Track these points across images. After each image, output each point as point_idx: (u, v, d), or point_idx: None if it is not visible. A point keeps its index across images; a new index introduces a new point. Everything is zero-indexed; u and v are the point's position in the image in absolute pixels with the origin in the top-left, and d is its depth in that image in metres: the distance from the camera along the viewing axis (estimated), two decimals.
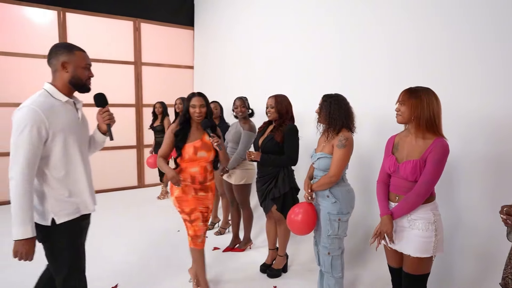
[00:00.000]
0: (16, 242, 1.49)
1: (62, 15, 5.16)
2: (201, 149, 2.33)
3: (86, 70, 1.66)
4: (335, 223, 2.12)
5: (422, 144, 1.66)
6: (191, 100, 2.32)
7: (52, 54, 1.61)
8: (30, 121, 1.46)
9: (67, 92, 1.64)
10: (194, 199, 2.36)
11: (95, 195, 1.82)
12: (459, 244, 2.22)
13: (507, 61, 1.97)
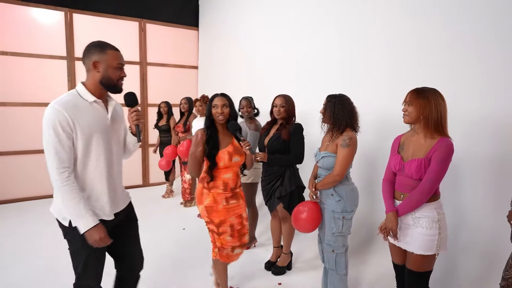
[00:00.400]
0: (86, 234, 1.52)
1: (69, 16, 5.22)
2: (234, 154, 2.17)
3: (118, 70, 1.61)
4: (339, 221, 2.16)
5: (427, 143, 1.70)
6: (214, 100, 2.16)
7: (85, 54, 1.59)
8: (53, 120, 1.45)
9: (98, 92, 1.61)
10: (225, 210, 2.19)
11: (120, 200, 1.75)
12: (463, 243, 2.25)
13: (508, 61, 1.99)
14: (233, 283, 2.69)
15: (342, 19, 3.22)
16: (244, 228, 2.30)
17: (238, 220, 2.25)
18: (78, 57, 5.35)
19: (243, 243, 2.32)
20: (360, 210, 2.74)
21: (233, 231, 2.23)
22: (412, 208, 1.72)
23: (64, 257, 3.04)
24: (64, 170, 1.47)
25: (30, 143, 5.12)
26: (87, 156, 1.56)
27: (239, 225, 2.26)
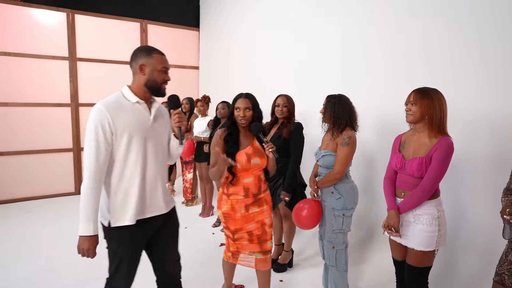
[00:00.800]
0: (80, 237, 1.54)
1: (71, 17, 5.26)
2: (254, 156, 2.05)
3: (162, 73, 1.64)
4: (339, 218, 2.20)
5: (428, 142, 1.74)
6: (236, 102, 2.07)
7: (132, 57, 1.64)
8: (96, 120, 1.49)
9: (142, 94, 1.64)
10: (242, 219, 2.07)
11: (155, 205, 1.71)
12: (462, 239, 2.29)
13: (507, 61, 2.02)
14: (235, 280, 2.72)
15: (342, 19, 3.26)
16: (266, 234, 2.13)
17: (258, 226, 2.10)
18: (80, 58, 5.39)
19: (265, 250, 2.15)
20: (359, 208, 2.78)
21: (251, 237, 2.10)
22: (414, 206, 1.76)
23: (64, 257, 3.14)
24: (97, 168, 1.50)
25: (31, 143, 5.16)
26: (127, 156, 1.57)
27: (259, 231, 2.11)
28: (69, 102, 5.39)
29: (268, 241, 2.15)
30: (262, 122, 2.14)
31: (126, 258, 1.65)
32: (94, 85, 5.54)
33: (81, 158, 5.51)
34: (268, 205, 2.15)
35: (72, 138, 5.46)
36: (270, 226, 2.17)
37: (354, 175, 2.83)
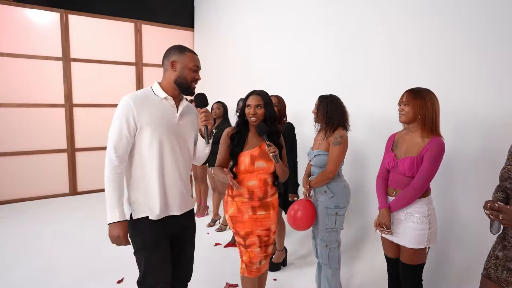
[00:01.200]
0: (109, 226, 1.53)
1: (64, 17, 5.24)
2: (259, 158, 1.94)
3: (193, 72, 1.64)
4: (332, 217, 2.22)
5: (420, 142, 1.76)
6: (248, 99, 1.99)
7: (165, 55, 1.66)
8: (121, 112, 1.53)
9: (171, 91, 1.64)
10: (251, 221, 1.97)
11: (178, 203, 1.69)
12: (454, 236, 2.32)
13: (501, 62, 2.05)
14: (229, 280, 2.74)
15: (341, 20, 3.27)
16: (269, 239, 2.07)
17: (266, 233, 2.04)
18: (74, 58, 5.38)
19: (267, 254, 2.10)
20: (352, 207, 2.80)
21: (261, 243, 2.02)
22: (405, 204, 1.79)
23: (64, 258, 3.14)
24: (117, 158, 1.52)
25: (25, 143, 5.15)
26: (149, 149, 1.58)
27: (266, 237, 2.05)
28: (63, 102, 5.37)
29: (270, 246, 2.12)
30: (275, 123, 2.03)
31: (153, 257, 1.62)
32: (88, 86, 5.54)
33: (75, 159, 5.51)
34: (274, 210, 2.06)
35: (66, 138, 5.44)
36: (274, 232, 2.10)
37: (348, 174, 2.85)
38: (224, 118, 3.87)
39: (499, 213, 1.23)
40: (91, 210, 4.69)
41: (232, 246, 3.42)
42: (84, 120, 5.56)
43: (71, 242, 3.58)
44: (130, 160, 1.59)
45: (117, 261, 3.06)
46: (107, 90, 5.70)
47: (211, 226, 4.01)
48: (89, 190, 5.64)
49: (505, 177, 1.32)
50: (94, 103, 5.62)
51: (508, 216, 1.20)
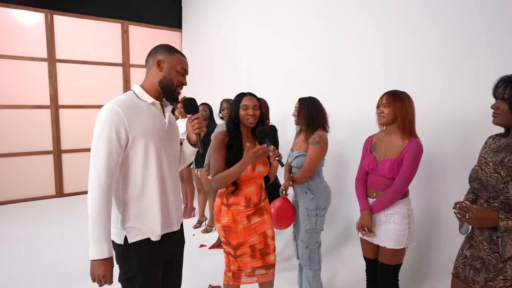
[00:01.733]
0: (92, 262, 1.29)
1: (49, 18, 5.19)
2: (258, 163, 1.87)
3: (180, 75, 1.47)
4: (312, 218, 2.24)
5: (399, 144, 1.79)
6: (242, 100, 1.88)
7: (151, 53, 1.47)
8: (109, 121, 1.30)
9: (154, 93, 1.45)
10: (245, 231, 1.89)
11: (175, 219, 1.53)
12: (435, 236, 2.35)
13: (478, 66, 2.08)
14: (212, 281, 2.74)
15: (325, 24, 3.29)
16: (268, 247, 1.97)
17: (260, 239, 1.94)
18: (59, 59, 5.33)
19: (268, 264, 1.97)
20: (334, 208, 2.83)
21: (254, 252, 1.92)
22: (386, 206, 1.81)
23: (46, 261, 3.12)
24: (107, 179, 1.29)
25: (10, 145, 5.09)
26: (145, 162, 1.39)
27: (261, 244, 1.95)
28: (48, 103, 5.32)
29: (271, 254, 1.98)
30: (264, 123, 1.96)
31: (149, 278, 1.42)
32: (75, 87, 5.50)
33: (61, 161, 5.46)
34: (268, 213, 1.99)
35: (52, 140, 5.38)
36: (272, 238, 2.00)
37: (331, 176, 2.88)
38: (210, 119, 3.88)
39: (466, 212, 1.25)
40: (77, 212, 4.66)
41: (217, 248, 3.42)
42: (70, 122, 5.51)
43: (55, 245, 3.55)
44: (122, 178, 1.38)
45: None
46: (93, 91, 5.66)
47: (197, 227, 4.01)
48: (75, 192, 5.60)
49: (473, 178, 1.34)
50: (80, 104, 5.57)
51: (474, 215, 1.22)
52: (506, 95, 1.23)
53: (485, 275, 1.28)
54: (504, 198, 1.20)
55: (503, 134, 1.35)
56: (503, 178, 1.20)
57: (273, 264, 2.00)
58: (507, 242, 1.16)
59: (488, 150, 1.34)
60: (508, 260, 1.21)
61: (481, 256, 1.30)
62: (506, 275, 1.22)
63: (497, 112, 1.27)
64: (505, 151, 1.26)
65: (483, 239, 1.30)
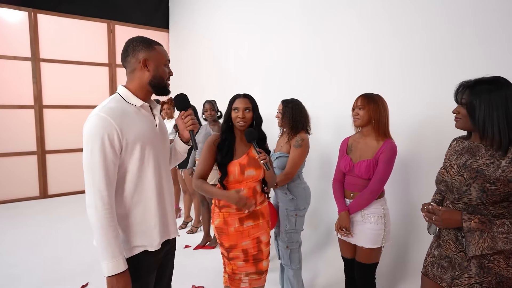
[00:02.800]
0: (108, 279, 1.22)
1: (33, 16, 5.12)
2: (248, 167, 1.84)
3: (166, 67, 1.40)
4: (292, 218, 2.27)
5: (374, 145, 1.83)
6: (234, 102, 1.86)
7: (129, 51, 1.36)
8: (100, 132, 1.21)
9: (143, 94, 1.37)
10: (236, 233, 1.86)
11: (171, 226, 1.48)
12: (410, 237, 2.41)
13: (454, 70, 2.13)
14: (196, 282, 2.75)
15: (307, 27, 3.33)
16: (261, 253, 1.93)
17: (254, 245, 1.89)
18: (43, 59, 5.26)
19: (260, 270, 1.94)
20: (316, 208, 2.87)
21: (247, 256, 1.89)
22: (363, 206, 1.85)
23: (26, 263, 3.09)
24: (110, 191, 1.23)
25: None
26: (141, 170, 1.32)
27: (254, 250, 1.90)
28: (32, 103, 5.24)
29: (264, 261, 1.95)
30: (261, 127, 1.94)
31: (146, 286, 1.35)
32: (59, 87, 5.44)
33: (46, 161, 5.39)
34: (264, 218, 1.94)
35: (36, 140, 5.31)
36: (266, 244, 1.96)
37: (312, 176, 2.91)
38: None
39: (433, 214, 1.30)
40: (61, 213, 4.61)
41: (202, 248, 3.43)
42: (55, 122, 5.45)
43: (35, 246, 3.52)
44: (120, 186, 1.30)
45: (82, 265, 3.03)
46: (79, 91, 5.60)
47: (182, 228, 4.01)
48: (60, 193, 5.54)
49: (439, 180, 1.39)
50: (65, 104, 5.51)
51: (440, 217, 1.27)
52: (464, 99, 1.27)
53: (452, 273, 1.32)
54: (467, 200, 1.25)
55: (466, 136, 1.40)
56: (466, 180, 1.25)
57: (265, 270, 1.98)
58: (471, 242, 1.20)
59: (452, 153, 1.39)
60: (472, 259, 1.26)
61: (448, 255, 1.35)
62: (470, 273, 1.26)
63: (458, 116, 1.31)
64: (468, 154, 1.30)
65: (450, 239, 1.35)
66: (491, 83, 1.22)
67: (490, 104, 1.20)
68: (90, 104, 5.62)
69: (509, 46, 1.87)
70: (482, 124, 1.22)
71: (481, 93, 1.22)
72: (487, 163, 1.22)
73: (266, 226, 1.96)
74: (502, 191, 1.19)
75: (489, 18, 1.95)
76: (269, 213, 2.03)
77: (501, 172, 1.17)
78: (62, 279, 2.82)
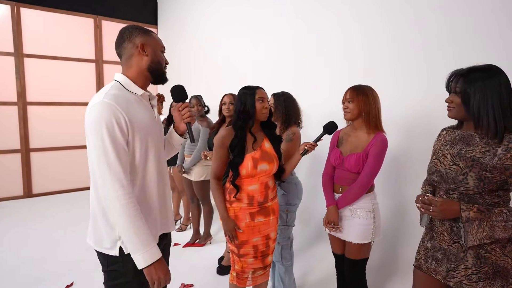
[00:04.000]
0: (146, 269, 1.17)
1: (16, 10, 4.97)
2: (261, 161, 1.80)
3: (163, 54, 1.37)
4: (283, 214, 2.23)
5: (365, 138, 1.79)
6: (256, 93, 1.81)
7: (125, 37, 1.29)
8: (107, 117, 1.14)
9: (142, 82, 1.33)
10: (248, 229, 1.83)
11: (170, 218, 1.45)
12: (401, 231, 2.40)
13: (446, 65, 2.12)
14: (186, 279, 2.69)
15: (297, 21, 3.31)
16: (268, 249, 1.92)
17: (263, 241, 1.88)
18: (27, 54, 5.11)
19: (266, 264, 1.94)
20: (307, 204, 2.84)
21: (256, 253, 1.87)
22: (352, 201, 1.81)
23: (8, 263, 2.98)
24: (128, 181, 1.17)
25: None
26: (145, 161, 1.28)
27: (263, 246, 1.89)
28: (15, 100, 5.09)
29: (269, 255, 1.96)
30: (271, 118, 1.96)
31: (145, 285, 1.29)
32: (44, 83, 5.30)
33: (30, 160, 5.25)
34: (274, 215, 1.92)
35: (19, 138, 5.16)
36: (274, 240, 1.96)
37: (304, 171, 2.88)
38: None
39: (429, 206, 1.27)
40: (46, 213, 4.49)
41: (192, 246, 3.37)
42: (40, 119, 5.30)
43: (19, 246, 3.41)
44: None
45: (66, 265, 2.95)
46: (65, 87, 5.47)
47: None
48: (45, 192, 5.39)
49: (432, 171, 1.36)
50: (50, 101, 5.37)
51: (438, 208, 1.24)
52: (458, 88, 1.25)
53: (447, 265, 1.30)
54: (464, 189, 1.22)
55: (456, 126, 1.38)
56: (462, 169, 1.22)
57: (270, 264, 1.98)
58: (469, 232, 1.18)
59: (443, 143, 1.36)
60: (469, 250, 1.23)
61: (443, 247, 1.32)
62: (467, 264, 1.24)
63: (451, 105, 1.29)
64: (461, 143, 1.28)
65: (444, 230, 1.32)
66: (484, 71, 1.20)
67: (484, 92, 1.18)
68: (76, 101, 5.50)
69: (504, 40, 1.87)
70: (477, 112, 1.20)
71: (475, 81, 1.19)
72: (482, 152, 1.19)
73: (276, 222, 1.95)
74: (499, 179, 1.17)
75: (484, 12, 1.95)
76: (278, 210, 2.00)
77: (498, 160, 1.15)
78: (47, 279, 2.74)
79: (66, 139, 5.51)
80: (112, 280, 1.28)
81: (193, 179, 3.21)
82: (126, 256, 1.23)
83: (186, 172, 3.22)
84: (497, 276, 1.19)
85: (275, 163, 1.85)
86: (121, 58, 1.33)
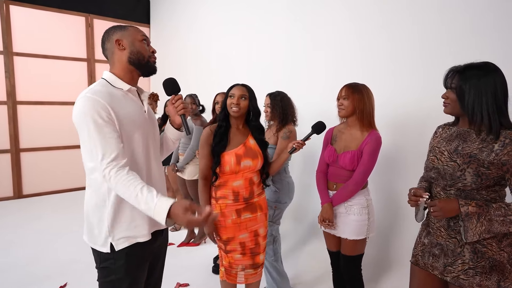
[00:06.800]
0: (169, 220, 1.12)
1: (5, 8, 4.88)
2: (245, 157, 1.81)
3: (144, 44, 1.34)
4: (270, 210, 2.22)
5: (359, 136, 1.81)
6: (231, 90, 1.88)
7: (104, 38, 1.34)
8: (91, 110, 1.16)
9: (128, 77, 1.33)
10: (234, 226, 1.82)
11: None
12: (396, 228, 2.42)
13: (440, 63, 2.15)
14: (181, 279, 2.68)
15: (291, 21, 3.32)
16: (258, 247, 1.90)
17: (251, 238, 1.87)
18: (17, 52, 5.03)
19: (257, 263, 1.91)
20: (303, 202, 2.84)
21: (244, 250, 1.86)
22: (346, 198, 1.82)
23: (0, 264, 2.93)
24: (115, 158, 1.16)
25: None
26: (130, 155, 1.26)
27: (251, 243, 1.87)
28: (5, 99, 5.00)
29: (261, 254, 1.93)
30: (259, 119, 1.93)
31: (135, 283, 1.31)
32: (35, 82, 5.22)
33: (20, 160, 5.17)
34: (262, 211, 1.91)
35: (9, 138, 5.07)
36: (264, 237, 1.93)
37: (298, 169, 2.88)
38: None
39: (419, 197, 1.30)
40: (37, 213, 4.42)
41: (186, 245, 3.35)
42: (30, 119, 5.22)
43: (11, 247, 3.36)
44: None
45: (59, 266, 2.91)
46: (56, 86, 5.39)
47: None
48: (35, 193, 5.30)
49: (430, 168, 1.38)
50: (41, 100, 5.29)
51: (438, 207, 1.25)
52: (453, 84, 1.26)
53: (444, 260, 1.31)
54: (461, 185, 1.24)
55: (452, 123, 1.39)
56: (459, 166, 1.24)
57: (261, 263, 1.96)
58: (469, 227, 1.19)
59: (440, 140, 1.38)
60: (466, 245, 1.25)
61: (439, 242, 1.34)
62: (464, 259, 1.25)
63: (447, 101, 1.31)
64: (458, 139, 1.29)
65: (441, 226, 1.33)
66: (480, 68, 1.22)
67: (479, 89, 1.20)
68: (68, 101, 5.42)
69: (500, 39, 1.89)
70: (471, 108, 1.22)
71: (471, 78, 1.21)
72: (479, 148, 1.21)
73: (264, 219, 1.93)
74: (496, 174, 1.19)
75: (480, 11, 1.97)
76: (267, 206, 2.00)
77: (495, 155, 1.17)
78: (40, 280, 2.70)
79: (57, 139, 5.43)
80: (105, 277, 1.29)
81: (186, 178, 3.19)
82: (117, 253, 1.25)
83: (179, 170, 3.20)
84: (494, 270, 1.20)
85: (259, 159, 1.85)
86: (108, 59, 1.36)
